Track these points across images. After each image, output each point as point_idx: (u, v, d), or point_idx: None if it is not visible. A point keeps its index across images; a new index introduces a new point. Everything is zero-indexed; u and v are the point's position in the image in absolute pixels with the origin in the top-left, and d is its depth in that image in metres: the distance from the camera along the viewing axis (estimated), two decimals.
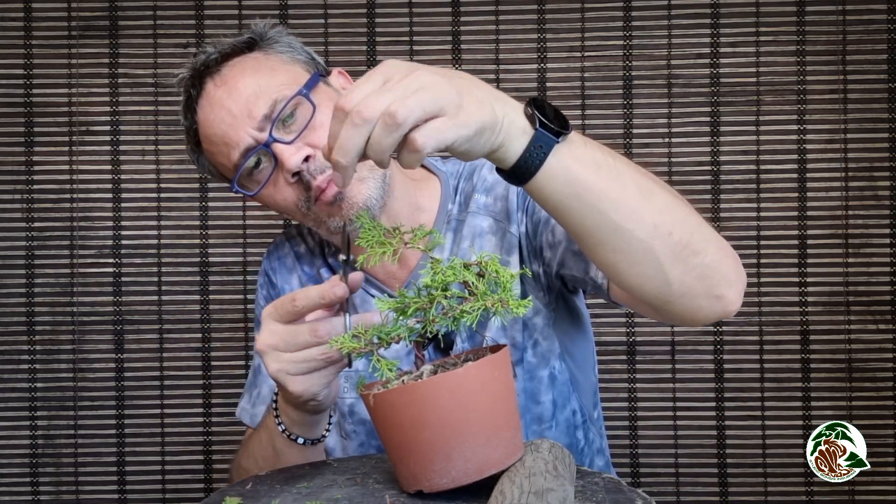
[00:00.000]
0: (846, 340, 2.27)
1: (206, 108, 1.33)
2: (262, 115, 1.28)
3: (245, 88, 1.30)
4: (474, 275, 0.95)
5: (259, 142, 1.29)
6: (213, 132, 1.32)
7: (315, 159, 1.28)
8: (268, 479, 1.09)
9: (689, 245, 1.04)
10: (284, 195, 1.32)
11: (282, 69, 1.34)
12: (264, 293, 1.53)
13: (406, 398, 0.92)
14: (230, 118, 1.30)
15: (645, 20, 2.29)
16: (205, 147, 1.37)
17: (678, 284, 1.05)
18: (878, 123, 2.26)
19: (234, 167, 1.32)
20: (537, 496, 0.86)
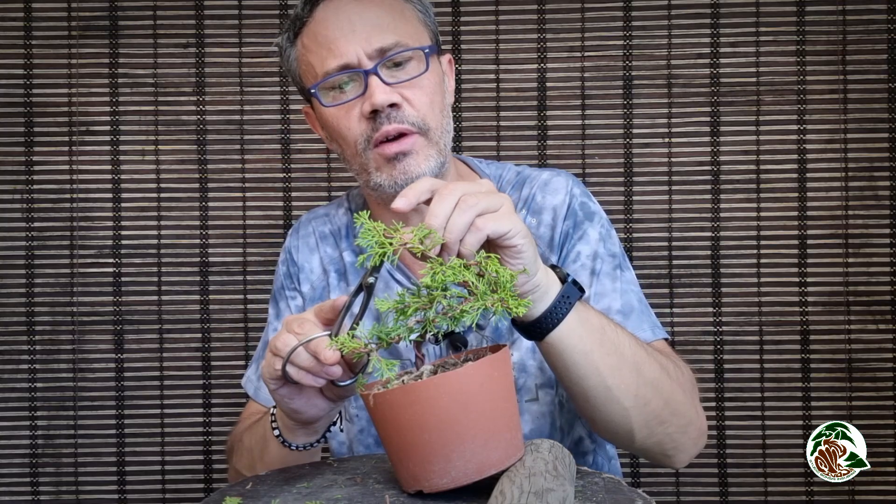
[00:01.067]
0: (846, 340, 2.27)
1: (332, 11, 1.32)
2: (379, 47, 1.29)
3: (375, 16, 1.30)
4: (474, 275, 0.95)
5: (361, 65, 1.29)
6: (326, 34, 1.31)
7: (400, 109, 1.29)
8: (268, 478, 1.09)
9: (660, 415, 1.20)
10: (351, 125, 1.32)
11: (413, 21, 1.35)
12: (284, 269, 1.52)
13: (406, 398, 0.92)
14: (349, 30, 1.29)
15: (645, 20, 2.29)
16: (305, 42, 1.35)
17: (639, 443, 1.22)
18: (878, 123, 2.26)
19: (323, 73, 1.31)
20: (537, 496, 0.86)
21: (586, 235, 1.38)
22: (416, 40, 1.33)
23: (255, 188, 2.32)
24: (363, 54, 1.28)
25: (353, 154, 1.35)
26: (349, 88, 1.32)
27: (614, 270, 1.38)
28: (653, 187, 2.29)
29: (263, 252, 2.32)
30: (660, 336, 1.36)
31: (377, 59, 1.29)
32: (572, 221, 1.39)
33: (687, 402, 1.26)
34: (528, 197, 1.43)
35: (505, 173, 1.48)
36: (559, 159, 2.29)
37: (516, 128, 2.30)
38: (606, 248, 1.39)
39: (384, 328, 0.97)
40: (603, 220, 1.42)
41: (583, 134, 2.29)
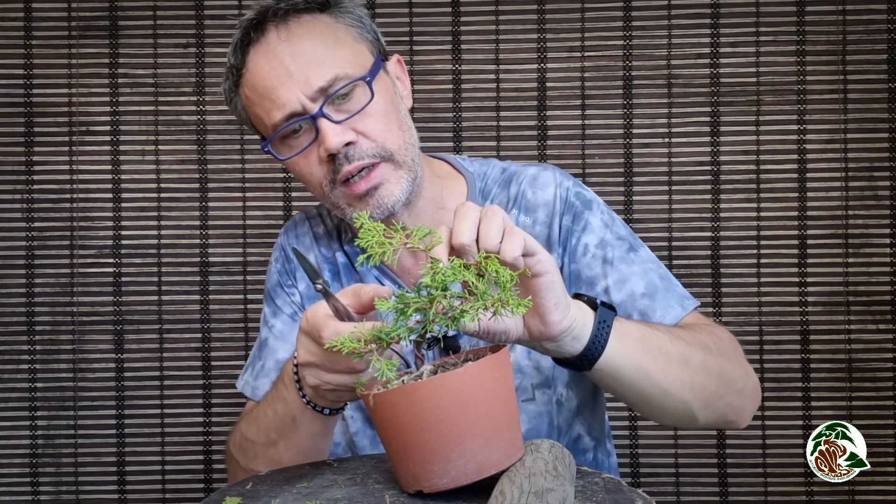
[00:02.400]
0: (846, 340, 2.27)
1: (262, 58, 1.29)
2: (319, 87, 1.25)
3: (308, 52, 1.27)
4: (474, 275, 0.95)
5: (307, 111, 1.26)
6: (263, 84, 1.28)
7: (356, 146, 1.27)
8: (268, 478, 1.09)
9: (717, 392, 1.25)
10: (313, 170, 1.30)
11: (349, 43, 1.31)
12: (279, 267, 1.50)
13: (405, 398, 0.92)
14: (285, 77, 1.26)
15: (645, 20, 2.29)
16: (246, 93, 1.33)
17: (702, 422, 1.27)
18: (878, 123, 2.26)
19: (273, 127, 1.29)
20: (537, 496, 0.86)
21: (589, 225, 1.37)
22: (357, 65, 1.29)
23: (255, 188, 2.32)
24: (305, 99, 1.26)
25: (321, 195, 1.33)
26: (301, 134, 1.30)
27: (627, 253, 1.37)
28: (653, 187, 2.29)
29: (263, 252, 2.32)
30: (690, 308, 1.36)
31: (321, 100, 1.26)
32: (571, 215, 1.38)
33: (735, 368, 1.30)
34: (518, 194, 1.41)
35: (490, 171, 1.46)
36: (559, 159, 2.29)
37: (516, 128, 2.30)
38: (613, 232, 1.38)
39: (384, 328, 0.97)
40: (601, 205, 1.41)
41: (583, 134, 2.29)
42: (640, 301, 1.33)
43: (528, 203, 1.40)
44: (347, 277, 1.44)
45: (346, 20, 1.33)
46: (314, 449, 1.23)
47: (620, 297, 1.34)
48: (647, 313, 1.33)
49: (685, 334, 1.24)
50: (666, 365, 1.18)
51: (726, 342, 1.32)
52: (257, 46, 1.30)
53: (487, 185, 1.44)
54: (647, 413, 1.27)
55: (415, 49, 2.30)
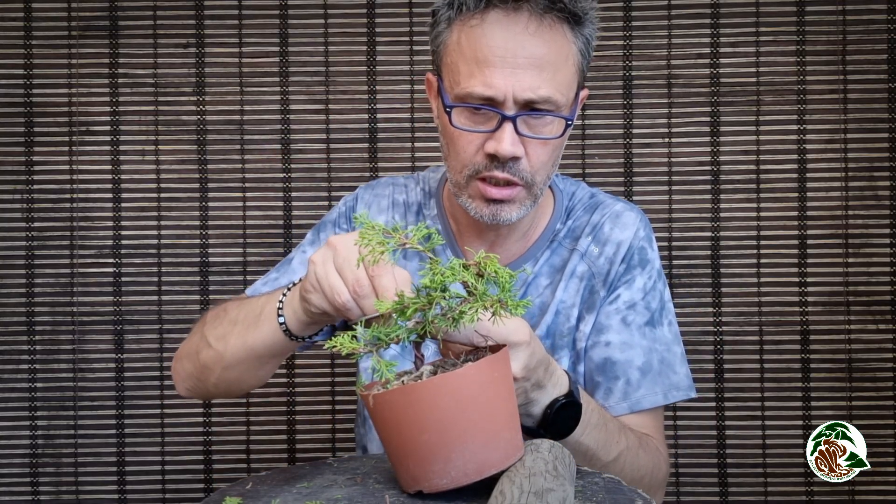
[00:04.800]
0: (846, 340, 2.27)
1: (502, 29, 1.24)
2: (529, 98, 1.24)
3: (542, 59, 1.24)
4: (473, 275, 0.95)
5: (504, 108, 1.24)
6: (486, 52, 1.24)
7: (517, 162, 1.27)
8: (268, 479, 1.09)
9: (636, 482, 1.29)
10: (468, 150, 1.29)
11: (571, 70, 1.29)
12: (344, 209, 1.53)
13: (405, 399, 0.92)
14: (510, 66, 1.23)
15: (645, 20, 2.29)
16: (462, 39, 1.28)
17: None
18: (878, 123, 2.26)
19: (463, 94, 1.26)
20: (537, 496, 0.86)
21: (632, 282, 1.41)
22: (567, 95, 1.28)
23: (255, 188, 2.32)
24: (511, 98, 1.24)
25: (456, 170, 1.33)
26: (481, 114, 1.27)
27: (645, 325, 1.40)
28: (653, 187, 2.29)
29: (263, 252, 2.32)
30: (672, 399, 1.40)
31: (521, 108, 1.25)
32: (626, 265, 1.41)
33: (656, 480, 1.37)
34: (598, 224, 1.43)
35: (578, 192, 1.49)
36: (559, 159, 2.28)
37: None
38: (646, 300, 1.41)
39: (383, 328, 0.97)
40: (653, 269, 1.43)
41: (583, 134, 2.29)
42: (633, 371, 1.38)
43: (602, 235, 1.43)
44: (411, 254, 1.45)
45: (580, 44, 1.30)
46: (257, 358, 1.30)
47: (619, 357, 1.38)
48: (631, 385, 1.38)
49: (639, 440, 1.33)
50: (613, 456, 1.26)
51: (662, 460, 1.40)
52: (503, 13, 1.25)
53: (574, 205, 1.47)
54: None
55: (415, 49, 2.30)
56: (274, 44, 2.31)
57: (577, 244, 1.42)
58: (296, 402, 2.33)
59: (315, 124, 2.32)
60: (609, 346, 1.38)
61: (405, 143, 2.31)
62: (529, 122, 1.27)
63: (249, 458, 2.34)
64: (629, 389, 1.36)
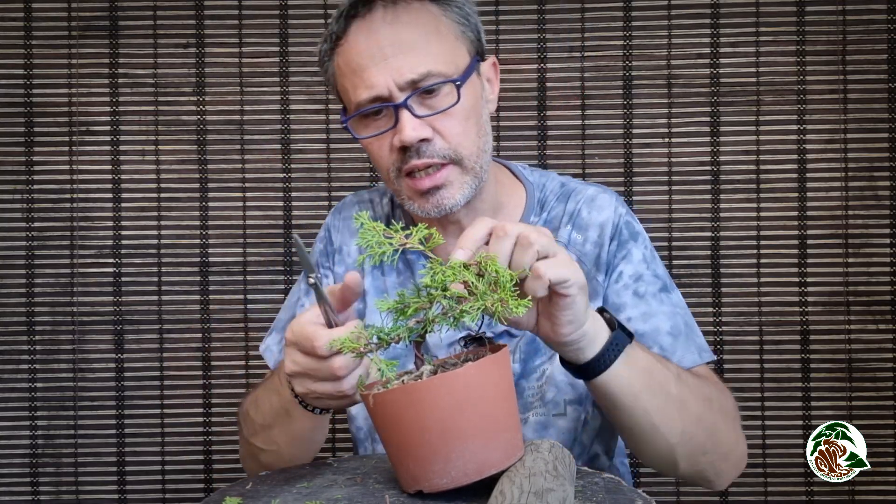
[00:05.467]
0: (846, 340, 2.27)
1: (363, 34, 1.28)
2: (409, 79, 1.25)
3: (409, 41, 1.27)
4: (473, 274, 0.95)
5: (392, 99, 1.26)
6: (357, 61, 1.28)
7: (430, 143, 1.27)
8: (268, 479, 1.09)
9: (703, 447, 1.26)
10: (383, 154, 1.31)
11: (449, 40, 1.30)
12: (321, 247, 1.52)
13: (405, 398, 0.92)
14: (380, 60, 1.26)
15: (645, 20, 2.29)
16: (339, 63, 1.32)
17: (682, 471, 1.29)
18: (878, 123, 2.26)
19: (356, 105, 1.30)
20: (537, 496, 0.86)
21: (630, 255, 1.39)
22: (451, 63, 1.29)
23: (255, 188, 2.32)
24: (394, 86, 1.26)
25: (386, 179, 1.35)
26: (381, 117, 1.30)
27: (660, 292, 1.39)
28: (653, 187, 2.29)
29: (263, 252, 2.32)
30: (706, 359, 1.37)
31: (408, 91, 1.26)
32: (617, 242, 1.40)
33: (729, 431, 1.32)
34: (574, 212, 1.42)
35: (549, 183, 1.47)
36: (559, 159, 2.29)
37: (516, 128, 2.30)
38: (651, 269, 1.40)
39: (384, 328, 0.97)
40: (646, 240, 1.43)
41: (583, 134, 2.29)
42: (663, 337, 1.35)
43: (581, 221, 1.41)
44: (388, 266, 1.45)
45: (453, 14, 1.32)
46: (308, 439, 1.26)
47: (644, 328, 1.35)
48: (666, 351, 1.34)
49: (693, 381, 1.25)
50: (664, 403, 1.19)
51: (729, 405, 1.34)
52: (361, 21, 1.29)
53: (546, 196, 1.45)
54: (633, 446, 1.27)
55: None
56: (274, 44, 2.30)
57: (556, 235, 1.40)
58: None
59: (315, 124, 2.32)
60: (631, 321, 1.35)
61: None
62: (425, 101, 1.28)
63: None
64: (666, 355, 1.33)
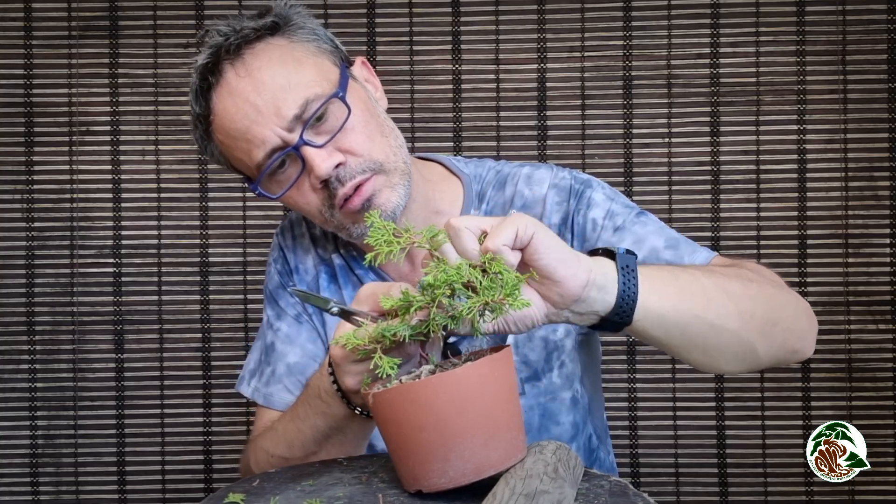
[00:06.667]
0: (846, 340, 2.27)
1: (227, 100, 1.24)
2: (293, 115, 1.20)
3: (272, 82, 1.22)
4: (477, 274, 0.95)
5: (288, 143, 1.21)
6: (235, 126, 1.24)
7: (345, 166, 1.23)
8: (275, 476, 1.09)
9: (770, 318, 1.16)
10: (308, 199, 1.26)
11: (310, 62, 1.26)
12: (278, 267, 1.47)
13: (403, 398, 0.92)
14: (255, 114, 1.21)
15: (645, 20, 2.29)
16: (219, 139, 1.28)
17: (765, 356, 1.17)
18: (878, 123, 2.27)
19: (257, 167, 1.24)
20: (528, 498, 0.86)
21: (592, 201, 1.34)
22: (324, 81, 1.24)
23: None
24: (282, 131, 1.21)
25: (322, 221, 1.30)
26: (288, 167, 1.25)
27: (639, 217, 1.33)
28: (653, 187, 2.29)
29: (263, 252, 2.31)
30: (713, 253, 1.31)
31: (299, 128, 1.21)
32: (575, 197, 1.35)
33: (781, 292, 1.22)
34: (513, 195, 1.38)
35: (484, 173, 1.42)
36: (559, 159, 2.29)
37: (516, 128, 2.30)
38: (618, 202, 1.35)
39: (388, 327, 0.97)
40: (600, 183, 1.38)
41: (583, 134, 2.29)
42: (664, 253, 1.29)
43: (525, 202, 1.37)
44: (344, 280, 1.43)
45: (301, 36, 1.28)
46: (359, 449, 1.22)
47: (642, 254, 1.28)
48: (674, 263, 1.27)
49: (718, 268, 1.19)
50: (705, 298, 1.10)
51: (762, 270, 1.25)
52: (218, 89, 1.25)
53: (483, 187, 1.41)
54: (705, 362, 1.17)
55: (415, 49, 2.30)
56: None
57: None
58: None
59: None
60: None
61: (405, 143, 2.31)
62: (319, 129, 1.23)
63: None
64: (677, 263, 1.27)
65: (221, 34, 1.26)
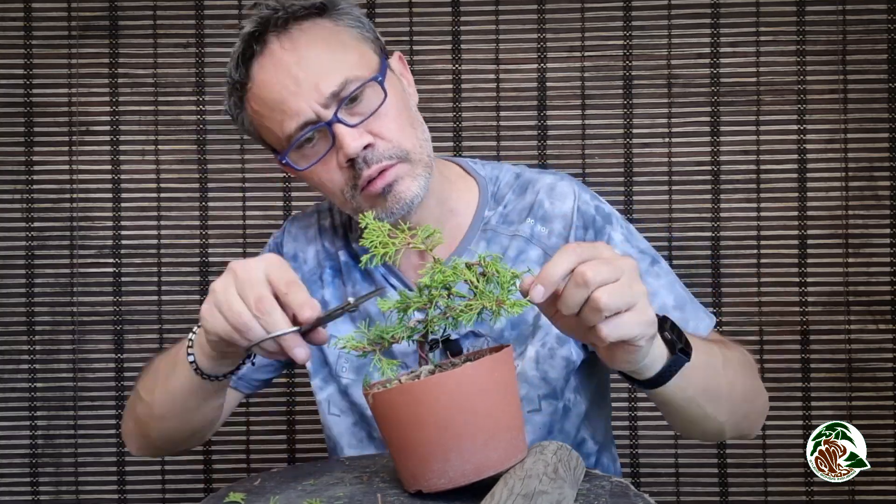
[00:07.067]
0: (846, 340, 2.27)
1: (269, 69, 1.26)
2: (330, 92, 1.23)
3: (316, 58, 1.24)
4: (476, 274, 0.95)
5: (321, 118, 1.24)
6: (272, 96, 1.25)
7: (374, 148, 1.25)
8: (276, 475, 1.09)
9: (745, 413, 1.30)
10: (333, 177, 1.28)
11: (353, 46, 1.28)
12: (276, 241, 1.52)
13: (403, 398, 0.92)
14: (294, 86, 1.23)
15: (645, 20, 2.29)
16: (253, 107, 1.30)
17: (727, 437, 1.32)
18: (878, 123, 2.26)
19: (287, 139, 1.26)
20: (526, 498, 0.86)
21: (612, 241, 1.36)
22: (365, 66, 1.27)
23: (255, 188, 2.32)
24: (318, 106, 1.23)
25: (342, 202, 1.32)
26: (317, 142, 1.27)
27: (652, 267, 1.36)
28: (653, 187, 2.29)
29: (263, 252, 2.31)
30: (713, 322, 1.37)
31: (334, 106, 1.23)
32: (593, 230, 1.37)
33: (758, 387, 1.33)
34: (535, 204, 1.38)
35: (502, 175, 1.44)
36: (559, 159, 2.29)
37: (516, 128, 2.30)
38: (634, 246, 1.37)
39: (386, 328, 0.97)
40: (620, 219, 1.40)
41: (583, 134, 2.29)
42: (673, 314, 1.32)
43: (545, 213, 1.38)
44: (349, 276, 1.43)
45: (347, 22, 1.30)
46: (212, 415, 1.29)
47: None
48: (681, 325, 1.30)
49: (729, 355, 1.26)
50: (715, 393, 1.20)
51: (749, 361, 1.34)
52: (261, 59, 1.27)
53: (500, 189, 1.42)
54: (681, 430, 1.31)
55: (415, 49, 2.30)
56: None
57: (517, 230, 1.37)
58: (296, 402, 2.33)
59: None
60: None
61: None
62: (353, 110, 1.25)
63: (249, 458, 2.34)
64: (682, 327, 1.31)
65: (270, 8, 1.28)
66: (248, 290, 1.02)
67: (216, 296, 1.05)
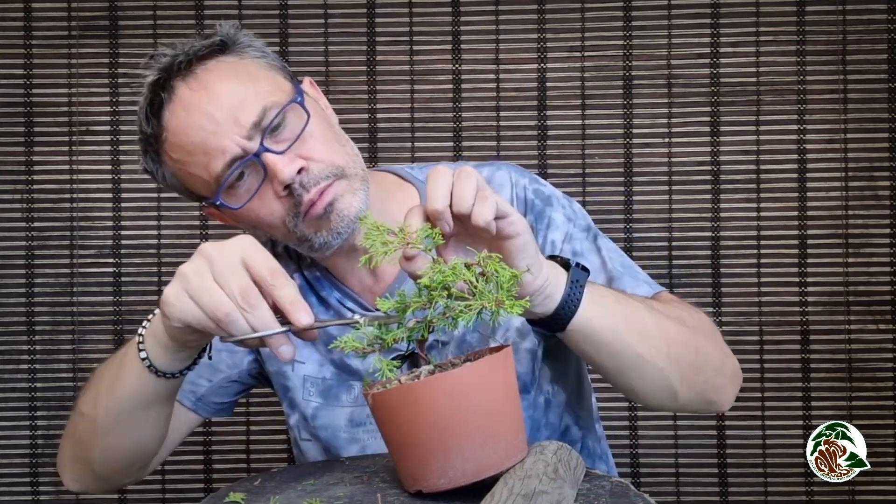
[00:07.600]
0: (846, 340, 2.27)
1: (182, 114, 1.20)
2: (251, 123, 1.18)
3: (228, 93, 1.20)
4: (475, 274, 0.95)
5: (248, 151, 1.19)
6: (191, 140, 1.20)
7: (308, 171, 1.21)
8: (277, 475, 1.09)
9: (695, 365, 1.23)
10: (272, 209, 1.24)
11: (262, 75, 1.25)
12: None
13: (402, 399, 0.92)
14: (212, 125, 1.19)
15: (645, 20, 2.29)
16: (172, 157, 1.24)
17: (682, 398, 1.24)
18: (878, 123, 2.26)
19: (216, 179, 1.21)
20: (525, 498, 0.86)
21: (553, 222, 1.35)
22: (279, 92, 1.23)
23: None
24: (242, 139, 1.18)
25: (285, 234, 1.27)
26: (248, 177, 1.22)
27: (592, 244, 1.35)
28: (653, 187, 2.29)
29: None
30: (658, 290, 1.34)
31: (258, 136, 1.19)
32: (533, 214, 1.36)
33: (713, 346, 1.28)
34: None
35: None
36: (559, 159, 2.29)
37: (516, 128, 2.30)
38: (577, 225, 1.36)
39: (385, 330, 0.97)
40: (561, 199, 1.39)
41: (583, 134, 2.29)
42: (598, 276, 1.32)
43: None
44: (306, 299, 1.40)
45: (251, 54, 1.27)
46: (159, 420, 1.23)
47: None
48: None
49: (659, 305, 1.23)
50: (641, 329, 1.16)
51: (703, 321, 1.29)
52: (171, 105, 1.22)
53: None
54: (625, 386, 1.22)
55: (415, 49, 2.30)
56: (274, 43, 2.30)
57: None
58: None
59: None
60: None
61: (405, 143, 2.31)
62: (277, 138, 1.21)
63: (249, 458, 2.34)
64: None
65: (168, 55, 1.23)
66: (228, 277, 0.99)
67: (187, 281, 1.01)
